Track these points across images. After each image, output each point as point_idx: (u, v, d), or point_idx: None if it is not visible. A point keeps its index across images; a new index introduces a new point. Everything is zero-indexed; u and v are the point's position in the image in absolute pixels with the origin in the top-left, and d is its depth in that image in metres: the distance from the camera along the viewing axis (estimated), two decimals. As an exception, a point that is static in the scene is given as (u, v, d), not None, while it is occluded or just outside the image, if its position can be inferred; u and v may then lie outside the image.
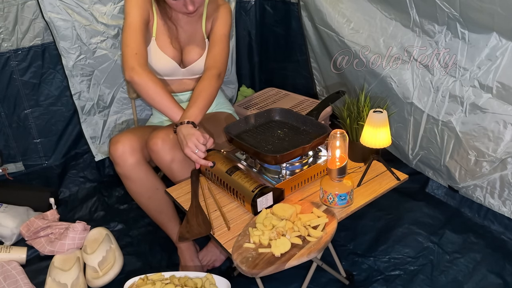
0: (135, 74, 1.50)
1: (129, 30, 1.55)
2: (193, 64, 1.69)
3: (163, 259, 1.77)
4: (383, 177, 1.42)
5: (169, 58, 1.66)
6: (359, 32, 1.99)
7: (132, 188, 1.55)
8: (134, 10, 1.56)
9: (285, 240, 1.14)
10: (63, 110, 2.11)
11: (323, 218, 1.20)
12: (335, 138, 1.23)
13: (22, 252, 1.75)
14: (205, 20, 1.71)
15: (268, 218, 1.21)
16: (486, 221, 1.79)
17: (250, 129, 1.50)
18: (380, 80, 1.94)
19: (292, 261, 1.10)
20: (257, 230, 1.17)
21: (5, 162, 2.09)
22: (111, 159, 1.53)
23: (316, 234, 1.16)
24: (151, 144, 1.46)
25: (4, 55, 1.90)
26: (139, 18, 1.57)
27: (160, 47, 1.65)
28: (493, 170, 1.66)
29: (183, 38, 1.70)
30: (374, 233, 1.80)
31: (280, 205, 1.25)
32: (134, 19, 1.56)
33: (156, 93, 1.51)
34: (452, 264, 1.63)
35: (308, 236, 1.16)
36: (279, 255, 1.11)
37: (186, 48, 1.70)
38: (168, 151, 1.46)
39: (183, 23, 1.69)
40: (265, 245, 1.14)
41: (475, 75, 1.61)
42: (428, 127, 1.83)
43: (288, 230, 1.16)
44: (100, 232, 1.83)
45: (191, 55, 1.69)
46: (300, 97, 2.35)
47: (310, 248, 1.13)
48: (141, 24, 1.57)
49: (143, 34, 1.57)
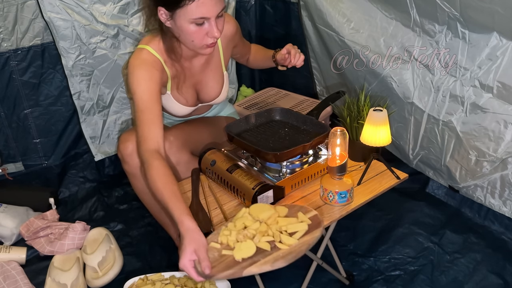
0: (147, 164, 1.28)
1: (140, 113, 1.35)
2: (211, 102, 1.65)
3: (163, 259, 1.77)
4: (383, 176, 1.42)
5: (185, 107, 1.59)
6: (359, 32, 1.99)
7: (138, 187, 1.55)
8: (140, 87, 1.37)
9: (251, 244, 1.04)
10: (63, 110, 2.11)
11: (303, 225, 1.08)
12: (335, 135, 1.23)
13: (22, 252, 1.74)
14: (222, 51, 1.60)
15: (243, 217, 1.11)
16: (487, 221, 1.79)
17: (251, 129, 1.51)
18: (380, 80, 1.94)
19: (252, 268, 0.99)
20: (227, 230, 1.09)
21: (5, 162, 2.09)
22: (119, 157, 1.52)
23: (288, 241, 1.04)
24: None
25: (4, 55, 1.90)
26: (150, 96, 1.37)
27: (176, 98, 1.55)
28: (494, 170, 1.65)
29: (200, 81, 1.60)
30: (374, 233, 1.80)
31: (259, 205, 1.15)
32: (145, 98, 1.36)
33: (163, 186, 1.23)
34: (453, 264, 1.62)
35: (280, 242, 1.05)
36: (240, 260, 1.01)
37: (203, 90, 1.61)
38: (174, 153, 1.46)
39: (198, 66, 1.56)
40: (231, 247, 1.05)
41: (475, 75, 1.61)
42: (429, 127, 1.83)
43: (259, 233, 1.06)
44: (100, 232, 1.82)
45: (209, 94, 1.62)
46: (300, 97, 2.35)
47: (277, 257, 1.01)
48: (155, 103, 1.37)
49: (157, 113, 1.37)
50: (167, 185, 1.18)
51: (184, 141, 1.51)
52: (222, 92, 1.63)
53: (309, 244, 1.05)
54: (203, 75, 1.58)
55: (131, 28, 2.03)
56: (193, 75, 1.56)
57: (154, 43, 1.44)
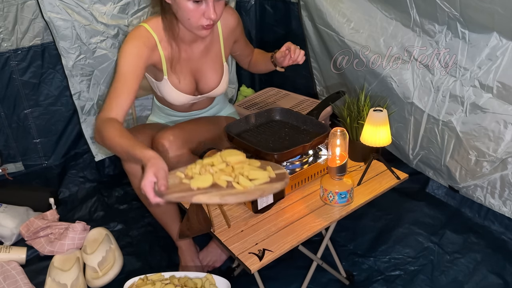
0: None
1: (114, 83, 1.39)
2: (210, 93, 1.64)
3: (163, 259, 1.77)
4: (383, 176, 1.42)
5: (184, 94, 1.58)
6: (359, 32, 1.99)
7: (139, 187, 1.55)
8: (125, 60, 1.40)
9: (209, 177, 1.06)
10: (63, 110, 2.11)
11: (264, 174, 1.09)
12: (335, 136, 1.23)
13: (22, 252, 1.75)
14: (223, 42, 1.60)
15: (213, 157, 1.14)
16: (487, 221, 1.79)
17: (251, 129, 1.50)
18: (380, 80, 1.94)
19: (202, 196, 1.01)
20: (194, 164, 1.11)
21: (5, 162, 2.09)
22: None
23: (245, 183, 1.05)
24: (157, 145, 1.46)
25: (4, 55, 1.90)
26: (131, 69, 1.40)
27: (173, 84, 1.54)
28: (494, 170, 1.65)
29: (199, 69, 1.59)
30: (374, 233, 1.80)
31: (233, 150, 1.17)
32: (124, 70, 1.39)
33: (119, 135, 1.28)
34: (453, 264, 1.63)
35: (237, 183, 1.05)
36: (195, 188, 1.04)
37: (202, 79, 1.60)
38: (175, 152, 1.46)
39: (197, 52, 1.57)
40: (190, 177, 1.08)
41: (475, 75, 1.61)
42: (429, 127, 1.83)
43: (220, 170, 1.08)
44: (100, 232, 1.82)
45: (208, 84, 1.61)
46: (300, 97, 2.35)
47: (228, 193, 1.02)
48: (132, 77, 1.40)
49: (130, 87, 1.39)
50: (123, 135, 1.23)
51: (185, 140, 1.51)
52: (221, 83, 1.63)
53: (263, 191, 1.05)
54: (202, 63, 1.59)
55: (131, 28, 2.03)
56: (191, 61, 1.57)
57: (153, 22, 1.47)
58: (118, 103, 1.36)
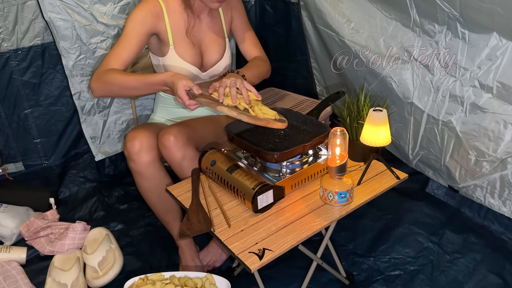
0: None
1: (119, 40, 1.52)
2: (214, 67, 1.67)
3: (163, 259, 1.77)
4: (383, 176, 1.42)
5: (190, 65, 1.62)
6: (359, 32, 2.00)
7: (144, 185, 1.55)
8: (131, 24, 1.52)
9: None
10: (63, 110, 2.11)
11: (273, 113, 1.39)
12: (335, 136, 1.23)
13: (22, 252, 1.75)
14: (223, 16, 1.69)
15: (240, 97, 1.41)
16: (486, 221, 1.79)
17: (251, 128, 1.50)
18: (380, 80, 1.94)
19: (224, 108, 1.35)
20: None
21: (5, 162, 2.09)
22: (126, 155, 1.52)
23: (257, 112, 1.37)
24: (163, 140, 1.46)
25: (4, 55, 1.90)
26: (134, 33, 1.51)
27: (179, 54, 1.60)
28: (493, 170, 1.66)
29: (203, 40, 1.66)
30: (374, 233, 1.80)
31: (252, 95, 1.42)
32: (127, 33, 1.51)
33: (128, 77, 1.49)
34: (452, 264, 1.63)
35: (252, 110, 1.37)
36: (221, 101, 1.36)
37: (207, 50, 1.66)
38: (180, 148, 1.46)
39: (204, 24, 1.65)
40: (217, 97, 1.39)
41: (475, 75, 1.61)
42: (428, 127, 1.83)
43: (242, 101, 1.37)
44: (100, 232, 1.83)
45: (212, 56, 1.67)
46: (300, 97, 2.35)
47: (244, 114, 1.34)
48: (134, 40, 1.51)
49: (131, 49, 1.51)
50: (130, 74, 1.46)
51: (189, 137, 1.52)
52: (224, 57, 1.70)
53: (268, 122, 1.35)
54: (207, 35, 1.66)
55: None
56: (198, 32, 1.64)
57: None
58: (118, 59, 1.47)
